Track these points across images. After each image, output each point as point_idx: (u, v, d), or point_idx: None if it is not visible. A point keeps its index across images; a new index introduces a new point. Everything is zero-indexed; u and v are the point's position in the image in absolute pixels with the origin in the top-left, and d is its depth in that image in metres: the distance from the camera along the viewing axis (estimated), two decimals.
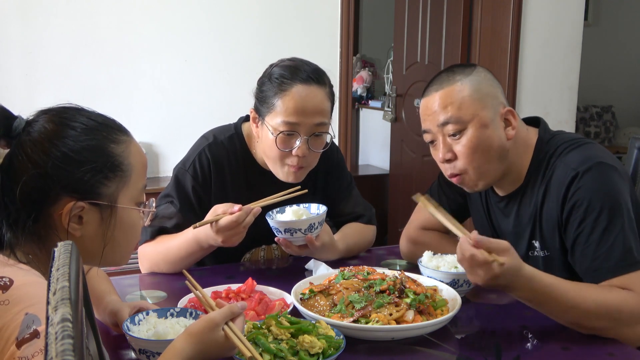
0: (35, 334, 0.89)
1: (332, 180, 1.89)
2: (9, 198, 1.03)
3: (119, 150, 1.09)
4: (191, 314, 1.24)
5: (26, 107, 1.12)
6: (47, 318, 0.61)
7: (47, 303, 0.63)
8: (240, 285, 1.46)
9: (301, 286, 1.47)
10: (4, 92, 3.09)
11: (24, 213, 1.02)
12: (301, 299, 1.41)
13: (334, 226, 1.90)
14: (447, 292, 1.44)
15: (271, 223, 1.61)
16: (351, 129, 4.06)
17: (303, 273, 1.68)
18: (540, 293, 1.30)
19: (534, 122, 1.60)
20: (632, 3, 6.08)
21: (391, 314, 1.29)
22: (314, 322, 1.22)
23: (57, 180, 1.03)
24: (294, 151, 1.64)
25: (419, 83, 4.30)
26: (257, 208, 1.55)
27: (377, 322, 1.27)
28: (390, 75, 4.99)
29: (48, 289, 0.66)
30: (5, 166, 1.04)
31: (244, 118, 1.84)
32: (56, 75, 3.26)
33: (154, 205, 1.20)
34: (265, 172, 1.77)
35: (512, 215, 1.58)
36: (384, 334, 1.27)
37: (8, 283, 0.93)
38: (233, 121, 1.85)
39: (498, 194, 1.62)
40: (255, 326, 1.19)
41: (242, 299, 1.39)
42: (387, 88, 5.14)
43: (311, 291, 1.41)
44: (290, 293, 1.43)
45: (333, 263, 1.69)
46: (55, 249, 0.75)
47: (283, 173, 1.69)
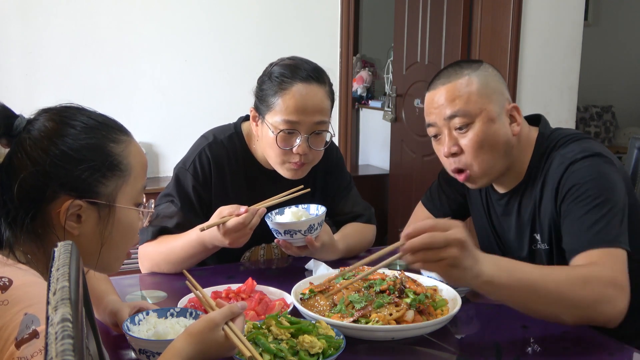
0: (34, 334, 0.89)
1: (332, 179, 1.89)
2: (8, 196, 1.03)
3: (119, 149, 1.09)
4: (191, 314, 1.24)
5: (26, 107, 1.12)
6: (47, 318, 0.61)
7: (47, 303, 0.63)
8: (240, 285, 1.46)
9: (301, 286, 1.47)
10: (4, 92, 3.09)
11: (22, 211, 1.02)
12: (301, 299, 1.41)
13: (333, 225, 1.90)
14: (447, 292, 1.44)
15: (270, 225, 1.61)
16: (351, 129, 4.06)
17: (303, 273, 1.69)
18: (505, 269, 1.21)
19: (535, 121, 1.61)
20: (632, 3, 6.08)
21: (391, 314, 1.29)
22: (314, 322, 1.22)
23: (56, 178, 1.03)
24: (295, 149, 1.64)
25: (419, 83, 4.30)
26: (262, 209, 1.55)
27: (377, 322, 1.27)
28: (390, 75, 4.99)
29: (48, 289, 0.66)
30: (5, 165, 1.04)
31: (244, 117, 1.84)
32: (56, 75, 3.26)
33: (154, 205, 1.20)
34: (265, 171, 1.77)
35: (514, 212, 1.58)
36: (384, 334, 1.27)
37: (7, 283, 0.93)
38: (233, 121, 1.85)
39: (498, 192, 1.62)
40: (255, 326, 1.19)
41: (242, 299, 1.39)
42: (387, 88, 5.14)
43: (311, 291, 1.41)
44: (290, 293, 1.43)
45: (333, 263, 1.69)
46: (55, 249, 0.75)
47: (285, 170, 1.69)
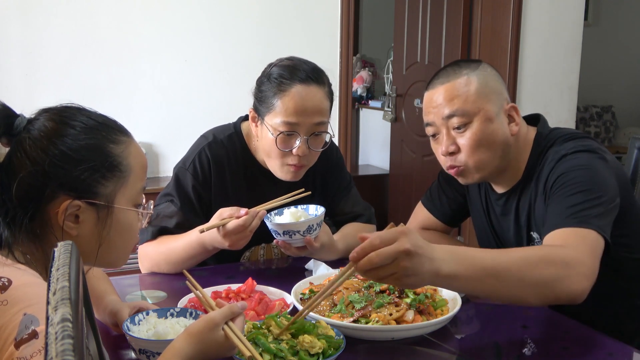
0: (33, 335, 0.89)
1: (331, 179, 1.89)
2: (7, 196, 1.03)
3: (118, 150, 1.09)
4: (191, 314, 1.24)
5: (26, 107, 1.12)
6: (47, 318, 0.61)
7: (47, 303, 0.63)
8: (240, 285, 1.46)
9: (301, 286, 1.47)
10: (4, 92, 3.09)
11: (21, 211, 1.02)
12: (301, 299, 1.41)
13: (333, 225, 1.90)
14: (447, 292, 1.43)
15: (269, 225, 1.61)
16: (351, 129, 4.06)
17: (303, 273, 1.68)
18: (464, 260, 1.15)
19: (534, 121, 1.61)
20: (632, 3, 6.08)
21: (391, 314, 1.29)
22: (314, 322, 1.22)
23: (55, 178, 1.03)
24: (294, 151, 1.64)
25: (419, 83, 4.30)
26: (263, 211, 1.55)
27: (377, 322, 1.27)
28: (390, 75, 4.99)
29: (48, 289, 0.66)
30: (4, 164, 1.04)
31: (243, 117, 1.84)
32: (56, 75, 3.26)
33: (153, 205, 1.20)
34: (265, 171, 1.77)
35: (512, 212, 1.59)
36: (384, 334, 1.27)
37: (7, 283, 0.93)
38: (233, 121, 1.85)
39: (497, 192, 1.62)
40: (255, 326, 1.19)
41: (242, 299, 1.39)
42: (387, 88, 5.14)
43: (311, 291, 1.41)
44: (290, 293, 1.43)
45: (333, 263, 1.69)
46: (55, 249, 0.75)
47: (282, 172, 1.69)
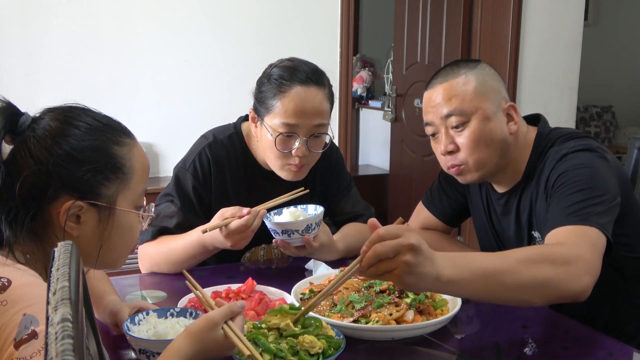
0: (33, 335, 0.89)
1: (331, 179, 1.89)
2: (10, 194, 1.03)
3: (122, 152, 1.09)
4: (191, 314, 1.24)
5: (27, 108, 1.12)
6: (47, 318, 0.61)
7: (47, 303, 0.63)
8: (240, 285, 1.46)
9: (301, 286, 1.47)
10: (4, 92, 3.06)
11: (23, 210, 1.02)
12: (301, 299, 1.41)
13: (333, 225, 1.90)
14: None
15: (268, 225, 1.61)
16: (351, 129, 4.06)
17: (303, 273, 1.68)
18: (464, 265, 1.14)
19: (534, 120, 1.61)
20: (632, 3, 6.08)
21: (391, 314, 1.29)
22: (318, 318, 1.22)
23: (58, 178, 1.03)
24: (294, 152, 1.64)
25: (419, 83, 4.30)
26: (263, 210, 1.55)
27: (377, 322, 1.27)
28: (390, 75, 4.99)
29: (48, 289, 0.66)
30: (8, 162, 1.04)
31: (244, 117, 1.84)
32: (56, 75, 3.26)
33: (154, 208, 1.20)
34: (265, 171, 1.77)
35: (513, 211, 1.59)
36: (384, 334, 1.27)
37: (6, 283, 0.93)
38: (233, 121, 1.85)
39: (497, 192, 1.62)
40: (255, 326, 1.19)
41: (242, 299, 1.39)
42: (387, 88, 5.14)
43: (311, 291, 1.41)
44: (290, 293, 1.43)
45: (333, 263, 1.69)
46: (55, 249, 0.75)
47: (284, 172, 1.69)
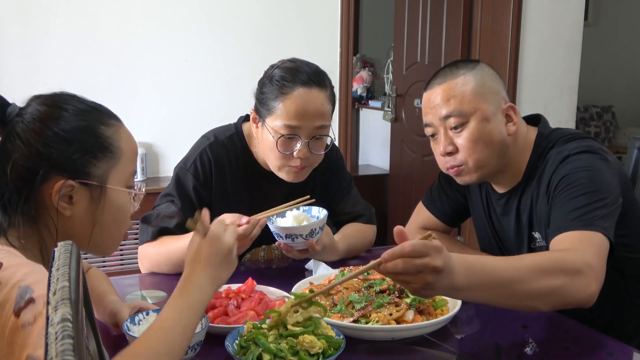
0: (30, 301, 0.90)
1: (331, 179, 1.89)
2: (2, 180, 1.05)
3: (109, 132, 1.11)
4: None
5: None
6: (47, 318, 0.61)
7: (47, 303, 0.63)
8: (240, 285, 1.46)
9: (301, 286, 1.47)
10: (4, 92, 3.05)
11: (16, 193, 1.05)
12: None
13: (334, 225, 1.90)
14: None
15: (272, 228, 1.61)
16: (351, 129, 4.06)
17: (303, 273, 1.68)
18: (477, 273, 1.15)
19: (535, 121, 1.61)
20: (632, 3, 6.08)
21: (391, 314, 1.29)
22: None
23: (48, 159, 1.05)
24: (295, 153, 1.64)
25: (419, 83, 4.30)
26: (264, 219, 1.55)
27: (377, 322, 1.27)
28: (390, 75, 4.99)
29: (48, 289, 0.66)
30: None
31: (244, 118, 1.84)
32: (56, 75, 3.26)
33: (144, 188, 1.22)
34: (265, 172, 1.77)
35: (513, 212, 1.59)
36: (384, 334, 1.27)
37: None
38: (233, 121, 1.85)
39: (498, 192, 1.62)
40: (255, 326, 1.19)
41: (242, 299, 1.39)
42: (387, 88, 5.14)
43: (311, 291, 1.41)
44: (290, 293, 1.43)
45: (333, 263, 1.69)
46: (55, 249, 0.75)
47: (284, 173, 1.69)
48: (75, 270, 0.70)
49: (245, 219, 1.50)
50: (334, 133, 1.75)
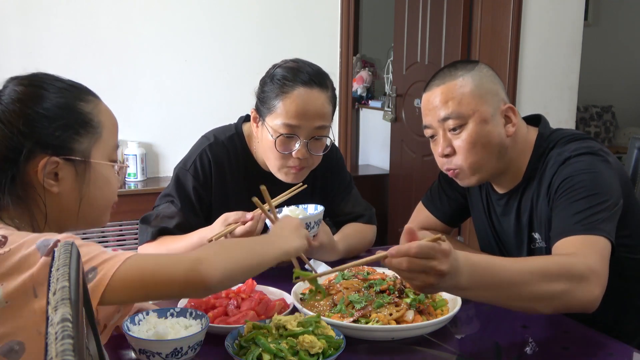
0: (56, 243, 0.95)
1: (332, 179, 1.89)
2: None
3: (88, 108, 1.14)
4: (191, 314, 1.24)
5: None
6: (47, 318, 0.61)
7: (47, 303, 0.63)
8: (240, 285, 1.46)
9: (301, 286, 1.47)
10: None
11: (1, 173, 1.06)
12: (301, 299, 1.41)
13: (334, 226, 1.90)
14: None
15: (268, 223, 1.61)
16: (351, 129, 4.06)
17: None
18: (482, 273, 1.16)
19: (535, 121, 1.61)
20: (632, 3, 6.08)
21: (391, 314, 1.29)
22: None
23: (30, 137, 1.07)
24: (294, 153, 1.64)
25: (419, 83, 4.30)
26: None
27: (377, 322, 1.27)
28: (390, 75, 4.99)
29: (48, 289, 0.66)
30: None
31: (244, 118, 1.84)
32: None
33: (128, 160, 1.25)
34: (265, 173, 1.77)
35: (513, 212, 1.59)
36: (384, 334, 1.27)
37: (2, 239, 0.98)
38: (233, 121, 1.85)
39: (498, 192, 1.62)
40: (255, 326, 1.19)
41: (242, 299, 1.39)
42: (387, 88, 5.14)
43: (311, 291, 1.41)
44: (290, 293, 1.43)
45: (333, 263, 1.68)
46: (55, 249, 0.75)
47: (283, 174, 1.69)
48: (75, 270, 0.70)
49: (249, 215, 1.52)
50: (334, 133, 1.75)
